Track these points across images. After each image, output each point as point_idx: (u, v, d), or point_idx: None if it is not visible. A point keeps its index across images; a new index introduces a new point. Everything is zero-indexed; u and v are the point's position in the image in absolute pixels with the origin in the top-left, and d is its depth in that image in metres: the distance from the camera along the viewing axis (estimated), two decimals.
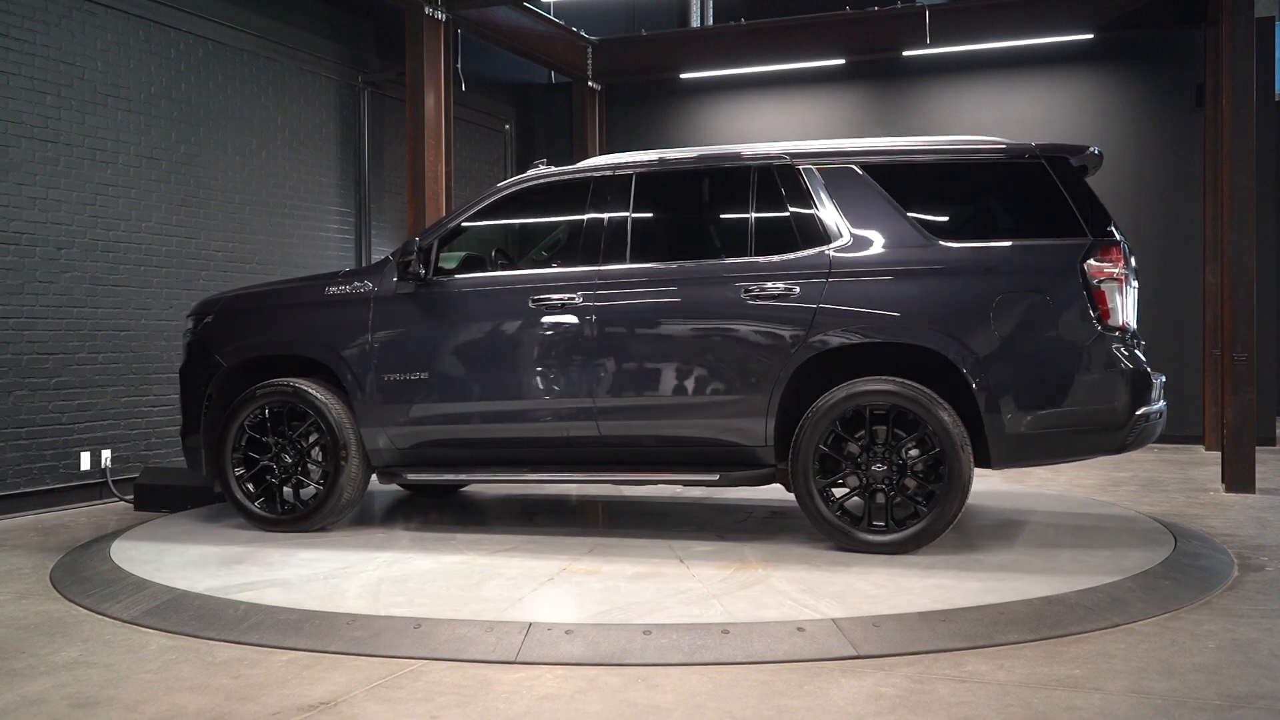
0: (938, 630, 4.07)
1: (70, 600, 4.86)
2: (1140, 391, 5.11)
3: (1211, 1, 9.60)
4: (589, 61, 12.11)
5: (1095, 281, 5.05)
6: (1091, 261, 5.07)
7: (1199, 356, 10.20)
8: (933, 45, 10.93)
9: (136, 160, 7.78)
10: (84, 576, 5.16)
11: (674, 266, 5.56)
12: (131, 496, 7.22)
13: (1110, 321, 5.08)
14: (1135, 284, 5.30)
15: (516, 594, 4.55)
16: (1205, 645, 4.03)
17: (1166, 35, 10.62)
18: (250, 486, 5.95)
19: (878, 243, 5.31)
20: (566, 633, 4.03)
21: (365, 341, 5.78)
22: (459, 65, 10.52)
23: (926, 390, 5.11)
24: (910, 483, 5.18)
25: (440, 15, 9.35)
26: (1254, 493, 7.54)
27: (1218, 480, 8.05)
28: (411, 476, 5.84)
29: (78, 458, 7.40)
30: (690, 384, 5.43)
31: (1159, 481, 8.18)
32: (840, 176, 5.44)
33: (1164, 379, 5.45)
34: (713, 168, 5.76)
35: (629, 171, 5.74)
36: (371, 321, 5.80)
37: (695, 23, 14.72)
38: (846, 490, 5.27)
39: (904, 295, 5.21)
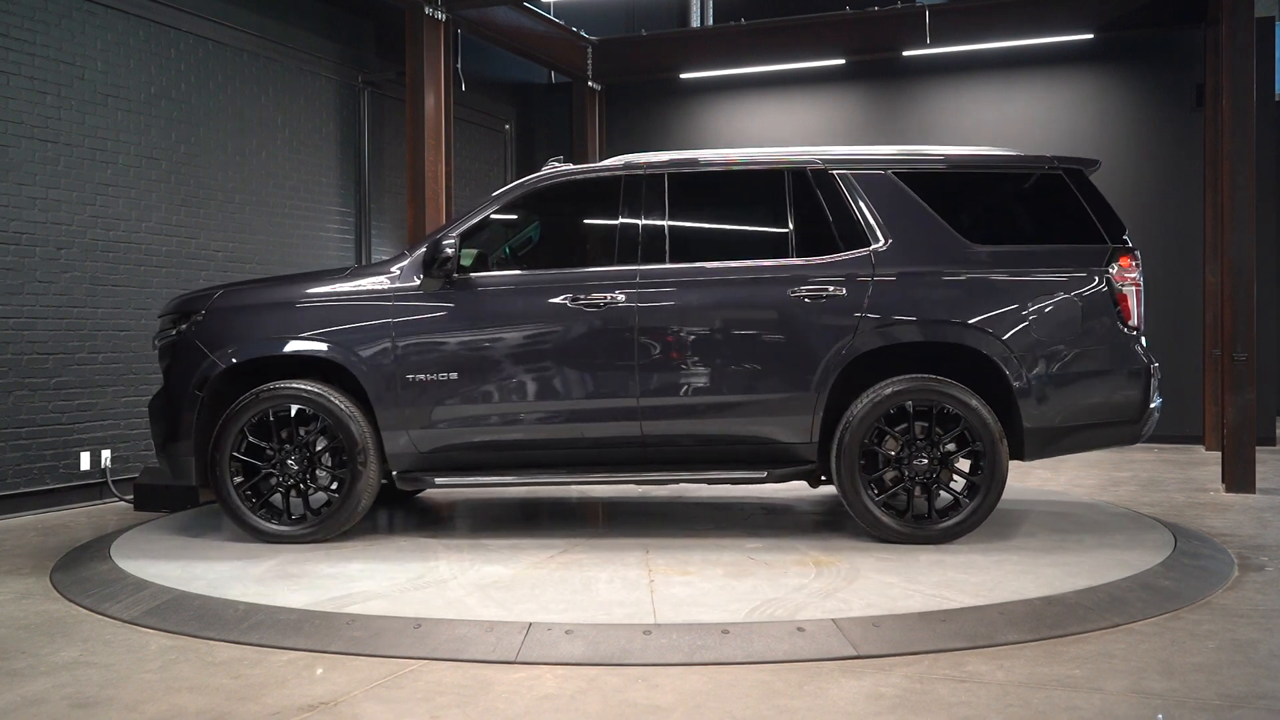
0: (937, 630, 4.07)
1: (70, 600, 4.85)
2: (1150, 386, 5.47)
3: (1211, 1, 9.60)
4: (589, 61, 12.11)
5: (1118, 285, 5.42)
6: (1113, 266, 5.43)
7: (1199, 356, 10.20)
8: (933, 45, 10.93)
9: (136, 160, 7.78)
10: (84, 576, 5.15)
11: (719, 266, 5.58)
12: (131, 496, 7.23)
13: (1130, 322, 5.44)
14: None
15: (637, 596, 4.47)
16: (1205, 645, 4.03)
17: (1166, 35, 10.62)
18: (252, 497, 5.63)
19: (917, 245, 5.50)
20: (566, 633, 4.03)
21: (388, 340, 5.58)
22: (459, 65, 10.52)
23: (966, 387, 5.35)
24: (946, 475, 5.42)
25: (440, 15, 9.35)
26: (1254, 493, 7.55)
27: (1218, 480, 8.05)
28: (440, 481, 5.63)
29: (78, 458, 7.40)
30: (740, 382, 5.48)
31: (1159, 481, 8.18)
32: (876, 182, 5.61)
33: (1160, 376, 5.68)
34: (754, 170, 5.76)
35: (662, 171, 5.74)
36: (395, 319, 5.60)
37: (695, 23, 14.72)
38: (888, 484, 5.44)
39: (945, 296, 5.46)
